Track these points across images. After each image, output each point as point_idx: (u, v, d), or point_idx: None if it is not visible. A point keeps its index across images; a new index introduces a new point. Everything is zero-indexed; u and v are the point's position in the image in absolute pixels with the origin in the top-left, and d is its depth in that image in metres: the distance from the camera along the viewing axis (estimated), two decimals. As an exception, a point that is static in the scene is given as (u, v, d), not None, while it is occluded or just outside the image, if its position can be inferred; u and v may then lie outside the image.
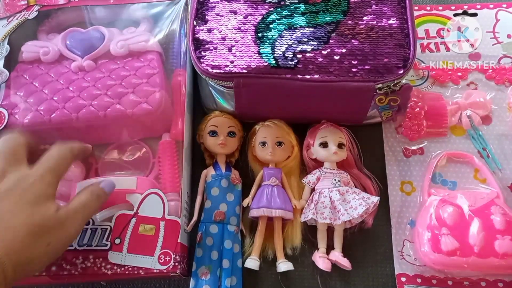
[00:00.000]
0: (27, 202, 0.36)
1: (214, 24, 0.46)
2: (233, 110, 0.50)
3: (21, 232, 0.34)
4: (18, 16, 0.53)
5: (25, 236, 0.34)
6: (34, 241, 0.35)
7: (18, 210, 0.35)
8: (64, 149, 0.41)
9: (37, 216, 0.35)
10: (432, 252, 0.44)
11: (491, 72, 0.55)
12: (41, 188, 0.37)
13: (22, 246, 0.34)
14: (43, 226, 0.35)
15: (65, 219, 0.37)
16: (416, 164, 0.52)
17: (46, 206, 0.37)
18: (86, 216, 0.40)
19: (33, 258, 0.35)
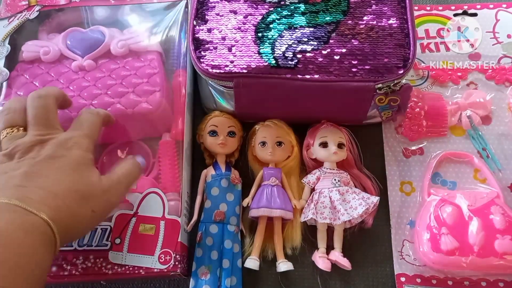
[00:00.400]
0: (69, 169, 0.36)
1: (214, 24, 0.47)
2: (233, 110, 0.50)
3: (67, 198, 0.34)
4: (19, 16, 0.54)
5: (71, 202, 0.34)
6: (79, 207, 0.35)
7: (62, 177, 0.35)
8: (93, 114, 0.41)
9: (81, 183, 0.35)
10: (432, 252, 0.45)
11: (491, 72, 0.55)
12: (80, 154, 0.37)
13: (69, 212, 0.34)
14: (87, 193, 0.36)
15: (108, 188, 0.37)
16: (416, 164, 0.52)
17: (88, 173, 0.37)
18: (128, 186, 0.40)
19: (78, 224, 0.35)
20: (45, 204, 0.33)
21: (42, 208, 0.32)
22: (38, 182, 0.34)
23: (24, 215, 0.31)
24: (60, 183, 0.35)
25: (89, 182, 0.36)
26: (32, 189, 0.33)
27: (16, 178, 0.34)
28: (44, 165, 0.35)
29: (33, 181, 0.34)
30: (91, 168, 0.37)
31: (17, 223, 0.31)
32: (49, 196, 0.33)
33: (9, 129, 0.38)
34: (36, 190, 0.33)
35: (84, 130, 0.39)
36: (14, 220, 0.31)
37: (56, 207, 0.33)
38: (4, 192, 0.33)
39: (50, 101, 0.39)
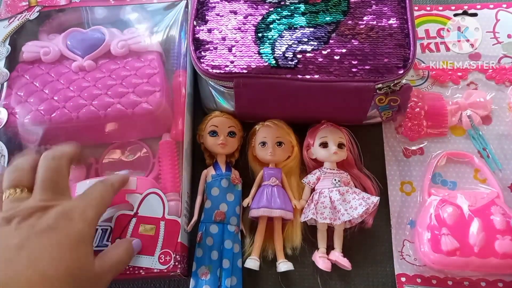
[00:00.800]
0: (68, 246, 0.33)
1: (214, 24, 0.47)
2: (233, 110, 0.50)
3: (56, 279, 0.31)
4: (19, 17, 0.54)
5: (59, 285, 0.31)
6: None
7: (57, 254, 0.32)
8: (106, 186, 0.39)
9: (76, 264, 0.33)
10: (432, 252, 0.44)
11: (491, 72, 0.55)
12: (82, 229, 0.34)
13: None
14: (79, 279, 0.33)
15: (100, 275, 0.35)
16: (416, 164, 0.52)
17: (86, 254, 0.34)
18: (115, 274, 0.37)
19: None
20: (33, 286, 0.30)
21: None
22: (31, 256, 0.31)
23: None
24: (54, 261, 0.32)
25: (85, 266, 0.33)
26: (23, 266, 0.31)
27: (10, 250, 0.32)
28: (41, 239, 0.32)
29: (26, 254, 0.31)
30: (89, 248, 0.35)
31: None
32: (39, 279, 0.31)
33: (13, 190, 0.35)
34: (26, 268, 0.31)
35: (92, 201, 0.37)
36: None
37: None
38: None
39: (63, 164, 0.37)
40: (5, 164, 0.46)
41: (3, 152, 0.47)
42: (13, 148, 0.47)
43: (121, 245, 0.39)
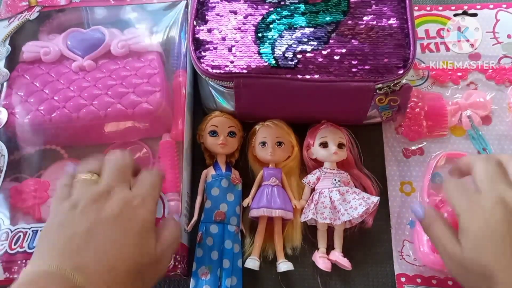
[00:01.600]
0: (132, 233, 0.34)
1: (214, 24, 0.47)
2: (233, 110, 0.50)
3: (123, 272, 0.32)
4: (19, 17, 0.54)
5: (127, 276, 0.32)
6: (132, 281, 0.33)
7: (122, 243, 0.33)
8: (153, 175, 0.40)
9: (140, 252, 0.34)
10: (432, 252, 0.44)
11: (491, 72, 0.55)
12: (145, 216, 0.35)
13: (118, 285, 0.32)
14: (143, 265, 0.34)
15: (160, 257, 0.36)
16: (416, 165, 0.52)
17: (149, 240, 0.35)
18: (173, 252, 0.39)
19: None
20: (100, 277, 0.31)
21: (96, 283, 0.30)
22: (98, 245, 0.32)
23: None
24: (120, 253, 0.33)
25: (148, 251, 0.34)
26: (91, 256, 0.31)
27: (76, 237, 0.32)
28: (108, 226, 0.33)
29: (93, 243, 0.32)
30: (152, 233, 0.35)
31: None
32: (106, 269, 0.31)
33: (84, 174, 0.37)
34: (93, 259, 0.31)
35: (149, 190, 0.37)
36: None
37: (110, 282, 0.31)
38: (58, 255, 0.31)
39: (128, 161, 0.39)
40: (5, 164, 0.46)
41: (3, 152, 0.47)
42: (13, 148, 0.47)
43: (170, 224, 0.39)
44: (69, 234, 0.32)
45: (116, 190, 0.36)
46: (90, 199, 0.34)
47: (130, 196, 0.36)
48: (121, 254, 0.33)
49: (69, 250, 0.32)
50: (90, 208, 0.34)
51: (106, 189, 0.35)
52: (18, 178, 0.47)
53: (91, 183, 0.36)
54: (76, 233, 0.32)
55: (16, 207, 0.45)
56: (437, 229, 0.38)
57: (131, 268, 0.33)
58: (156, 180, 0.39)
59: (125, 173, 0.38)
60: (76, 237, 0.32)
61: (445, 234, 0.37)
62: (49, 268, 0.30)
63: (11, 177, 0.46)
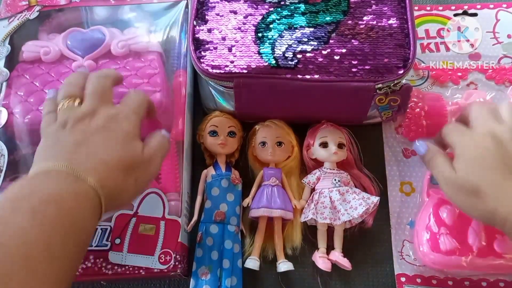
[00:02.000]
0: (117, 140, 0.37)
1: (214, 24, 0.47)
2: (233, 110, 0.50)
3: (114, 167, 0.35)
4: (19, 17, 0.54)
5: (118, 171, 0.36)
6: (125, 176, 0.36)
7: (110, 146, 0.36)
8: (139, 95, 0.42)
9: (127, 154, 0.37)
10: (431, 252, 0.44)
11: (491, 72, 0.55)
12: (128, 128, 0.38)
13: (115, 180, 0.35)
14: (132, 163, 0.37)
15: (149, 159, 0.39)
16: (415, 165, 0.52)
17: (134, 145, 0.38)
18: (163, 156, 0.42)
19: (123, 193, 0.36)
20: (94, 171, 0.34)
21: (91, 175, 0.34)
22: (88, 149, 0.36)
23: (74, 181, 0.33)
24: (108, 152, 0.36)
25: (134, 153, 0.38)
26: (83, 156, 0.35)
27: (68, 145, 0.36)
28: (95, 135, 0.37)
29: (84, 148, 0.35)
30: (136, 141, 0.39)
31: (68, 189, 0.32)
32: (98, 164, 0.35)
33: (66, 100, 0.39)
34: (86, 157, 0.35)
35: (132, 107, 0.41)
36: (65, 186, 0.32)
37: (104, 175, 0.34)
38: (56, 158, 0.34)
39: (108, 81, 0.41)
40: (4, 164, 0.46)
41: (3, 152, 0.47)
42: (13, 148, 0.47)
43: (156, 134, 0.42)
44: (61, 146, 0.36)
45: (100, 110, 0.38)
46: (77, 119, 0.37)
47: (114, 112, 0.39)
48: (110, 154, 0.36)
49: (63, 154, 0.35)
50: (77, 125, 0.37)
51: (91, 109, 0.38)
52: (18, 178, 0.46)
53: (74, 107, 0.39)
54: (68, 143, 0.36)
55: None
56: (437, 160, 0.43)
57: (120, 164, 0.36)
58: (140, 99, 0.42)
59: (107, 94, 0.40)
60: (68, 146, 0.36)
61: (443, 163, 0.42)
62: (48, 167, 0.34)
63: (11, 177, 0.46)
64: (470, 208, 0.39)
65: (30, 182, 0.33)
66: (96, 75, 0.41)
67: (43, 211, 0.30)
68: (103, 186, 0.34)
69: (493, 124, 0.40)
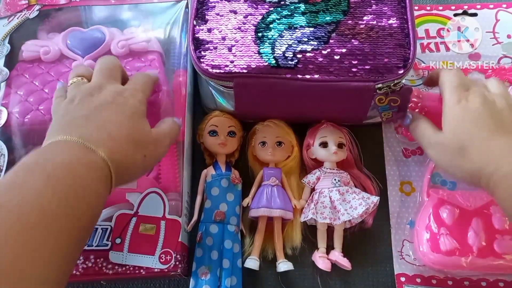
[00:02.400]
0: (125, 115, 0.38)
1: (214, 24, 0.46)
2: (233, 110, 0.50)
3: (123, 141, 0.36)
4: (19, 16, 0.53)
5: (127, 145, 0.36)
6: (134, 151, 0.37)
7: (118, 121, 0.37)
8: (147, 75, 0.44)
9: (135, 130, 0.38)
10: (431, 252, 0.45)
11: (491, 72, 0.56)
12: (135, 104, 0.39)
13: (124, 154, 0.36)
14: (140, 140, 0.38)
15: (156, 138, 0.40)
16: (415, 165, 0.52)
17: (141, 122, 0.39)
18: (172, 140, 0.43)
19: (132, 166, 0.37)
20: (104, 143, 0.35)
21: (101, 147, 0.34)
22: (98, 123, 0.36)
23: (85, 152, 0.34)
24: (117, 126, 0.37)
25: (142, 130, 0.38)
26: (93, 129, 0.36)
27: (78, 119, 0.37)
28: (103, 109, 0.37)
29: (93, 122, 0.36)
30: (144, 119, 0.39)
31: (79, 159, 0.33)
32: (108, 137, 0.35)
33: (76, 78, 0.41)
34: (96, 130, 0.36)
35: (138, 86, 0.41)
36: (77, 156, 0.33)
37: (113, 147, 0.35)
38: (67, 130, 0.35)
39: (117, 62, 0.43)
40: (4, 163, 0.46)
41: (3, 151, 0.47)
42: (13, 148, 0.47)
43: (168, 119, 0.44)
44: (71, 118, 0.37)
45: (107, 85, 0.40)
46: (85, 93, 0.39)
47: (121, 89, 0.40)
48: (118, 128, 0.37)
49: (74, 126, 0.36)
50: (85, 100, 0.38)
51: (98, 84, 0.40)
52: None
53: (83, 83, 0.40)
54: (77, 117, 0.37)
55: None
56: (422, 126, 0.44)
57: (129, 139, 0.37)
58: (147, 79, 0.43)
59: (114, 72, 0.42)
60: (77, 119, 0.37)
61: (428, 127, 0.43)
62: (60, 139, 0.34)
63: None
64: (456, 169, 0.40)
65: (43, 151, 0.34)
66: (105, 56, 0.43)
67: (57, 176, 0.31)
68: (113, 159, 0.34)
69: (488, 92, 0.42)
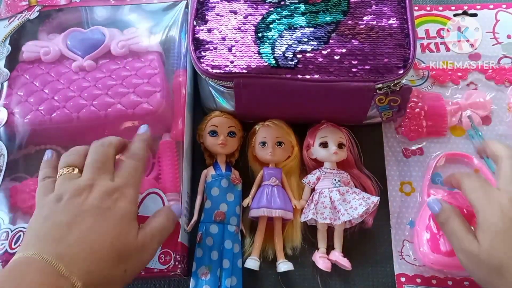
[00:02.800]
0: (113, 223, 0.35)
1: (214, 24, 0.47)
2: (233, 110, 0.50)
3: (104, 254, 0.34)
4: (19, 17, 0.54)
5: (107, 260, 0.34)
6: (114, 268, 0.34)
7: (103, 231, 0.34)
8: (135, 160, 0.40)
9: (120, 241, 0.35)
10: (431, 252, 0.45)
11: (491, 72, 0.56)
12: (125, 207, 0.37)
13: (102, 273, 0.33)
14: (124, 252, 0.35)
15: (142, 245, 0.37)
16: (415, 165, 0.52)
17: (129, 229, 0.36)
18: (161, 241, 0.39)
19: (108, 285, 0.34)
20: (80, 265, 0.32)
21: (75, 272, 0.32)
22: (80, 233, 0.34)
23: (55, 277, 0.31)
24: (101, 237, 0.34)
25: (128, 240, 0.35)
26: (73, 242, 0.33)
27: (59, 227, 0.34)
28: (88, 216, 0.35)
29: (75, 232, 0.34)
30: (133, 222, 0.37)
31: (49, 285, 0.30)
32: (87, 253, 0.33)
33: (66, 169, 0.38)
34: (75, 244, 0.33)
35: (128, 180, 0.39)
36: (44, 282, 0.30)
37: (90, 267, 0.33)
38: (42, 243, 0.33)
39: (111, 150, 0.40)
40: (4, 164, 0.46)
41: (3, 152, 0.47)
42: (13, 148, 0.47)
43: (162, 213, 0.41)
44: (52, 225, 0.34)
45: (97, 183, 0.37)
46: (73, 193, 0.36)
47: (111, 189, 0.37)
48: (101, 240, 0.34)
49: (51, 239, 0.33)
50: (73, 201, 0.36)
51: (88, 182, 0.37)
52: (18, 178, 0.47)
53: (73, 177, 0.38)
54: (60, 223, 0.34)
55: (16, 206, 0.45)
56: (453, 225, 0.39)
57: (111, 253, 0.34)
58: (137, 165, 0.40)
59: (107, 165, 0.39)
60: (59, 227, 0.34)
61: (462, 230, 0.38)
62: (33, 255, 0.32)
63: (11, 177, 0.46)
64: (490, 286, 0.37)
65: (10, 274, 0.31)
66: (98, 144, 0.40)
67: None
68: (86, 282, 0.32)
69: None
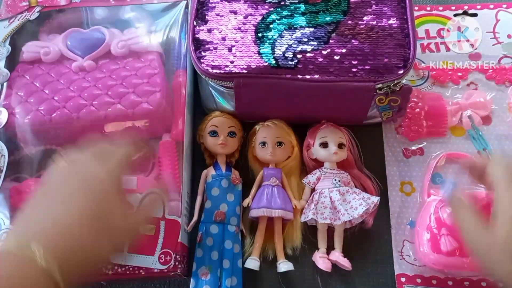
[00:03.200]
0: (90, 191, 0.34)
1: (214, 24, 0.47)
2: (233, 110, 0.50)
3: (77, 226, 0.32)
4: (20, 17, 0.54)
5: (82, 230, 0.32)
6: (93, 238, 0.32)
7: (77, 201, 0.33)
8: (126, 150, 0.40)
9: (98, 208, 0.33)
10: (432, 253, 0.44)
11: (491, 72, 0.55)
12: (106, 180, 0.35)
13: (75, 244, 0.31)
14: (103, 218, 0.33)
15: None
16: (416, 165, 0.52)
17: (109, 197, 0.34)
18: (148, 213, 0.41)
19: (90, 258, 0.32)
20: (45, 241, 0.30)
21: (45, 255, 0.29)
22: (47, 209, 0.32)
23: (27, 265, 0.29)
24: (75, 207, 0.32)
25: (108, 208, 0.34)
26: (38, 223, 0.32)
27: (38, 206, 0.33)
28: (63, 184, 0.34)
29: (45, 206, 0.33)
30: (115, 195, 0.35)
31: (19, 274, 0.29)
32: (52, 229, 0.31)
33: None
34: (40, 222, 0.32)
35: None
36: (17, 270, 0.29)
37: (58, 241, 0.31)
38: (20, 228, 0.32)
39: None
40: (5, 164, 0.46)
41: (3, 152, 0.47)
42: (13, 148, 0.47)
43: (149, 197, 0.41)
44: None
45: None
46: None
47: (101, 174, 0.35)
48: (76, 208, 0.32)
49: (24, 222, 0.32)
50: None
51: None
52: (18, 178, 0.47)
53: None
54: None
55: (16, 207, 0.45)
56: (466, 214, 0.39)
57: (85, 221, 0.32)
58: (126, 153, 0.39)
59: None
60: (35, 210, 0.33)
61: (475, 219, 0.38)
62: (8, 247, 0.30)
63: (11, 177, 0.46)
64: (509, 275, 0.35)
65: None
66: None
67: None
68: (61, 259, 0.29)
69: None
